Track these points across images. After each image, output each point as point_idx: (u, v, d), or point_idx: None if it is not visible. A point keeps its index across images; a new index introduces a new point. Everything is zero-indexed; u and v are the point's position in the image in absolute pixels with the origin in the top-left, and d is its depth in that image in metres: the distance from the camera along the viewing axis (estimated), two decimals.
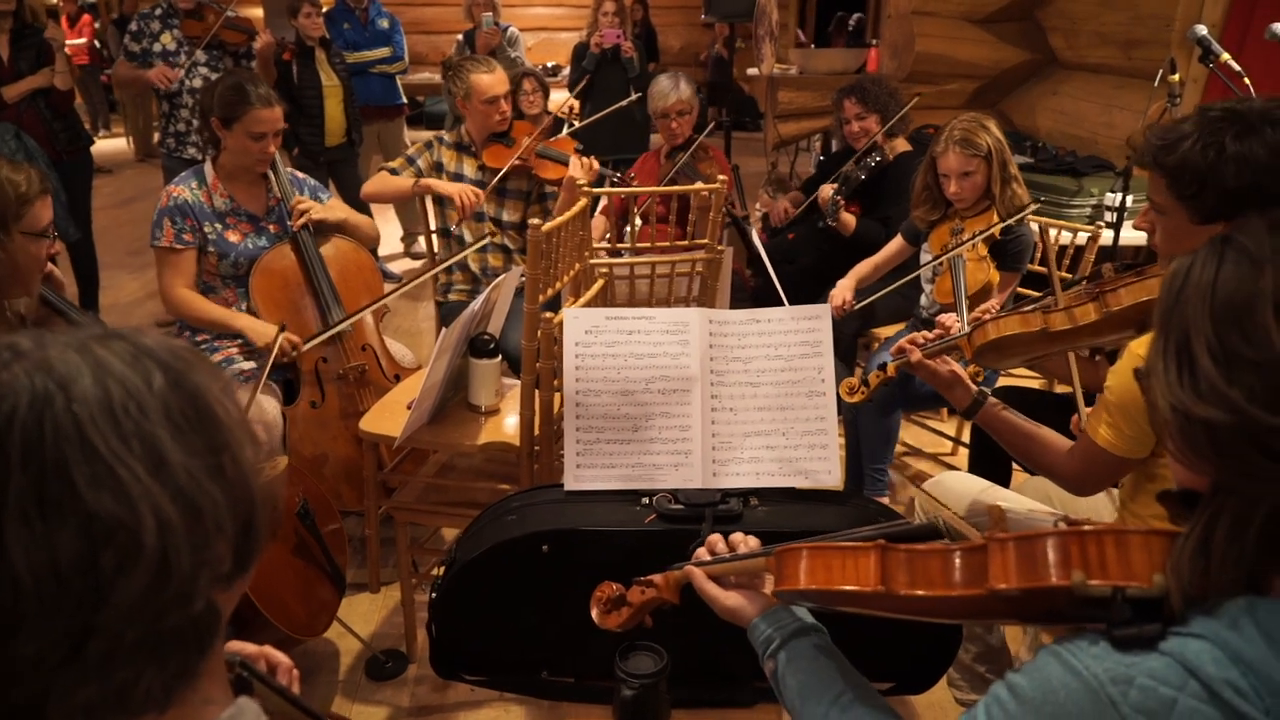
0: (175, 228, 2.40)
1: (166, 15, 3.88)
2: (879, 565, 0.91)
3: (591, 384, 1.57)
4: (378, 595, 2.35)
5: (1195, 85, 3.84)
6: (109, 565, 0.50)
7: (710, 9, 5.23)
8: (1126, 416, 1.41)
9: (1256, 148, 1.25)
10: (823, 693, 0.98)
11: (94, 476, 0.50)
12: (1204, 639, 0.65)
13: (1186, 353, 0.70)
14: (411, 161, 2.99)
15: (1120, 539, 0.73)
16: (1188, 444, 0.70)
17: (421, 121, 9.23)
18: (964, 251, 2.43)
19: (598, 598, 1.29)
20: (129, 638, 0.52)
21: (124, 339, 0.56)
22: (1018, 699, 0.72)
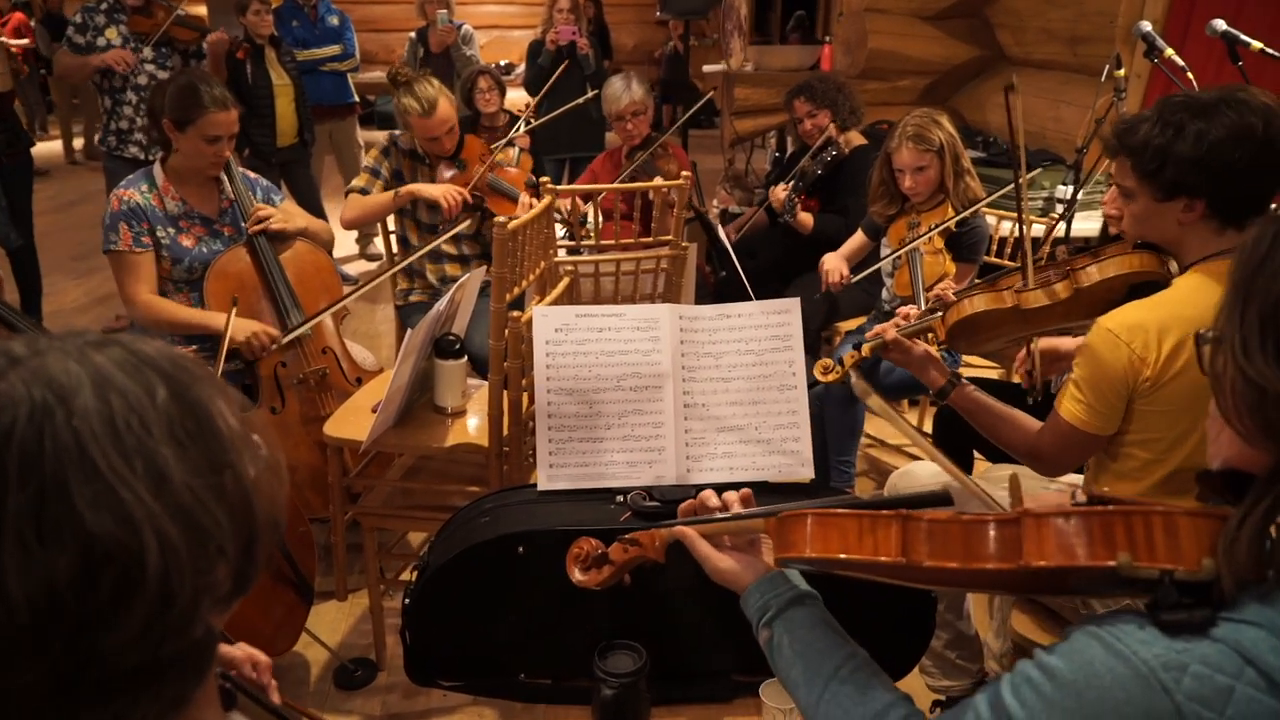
0: (133, 231, 2.33)
1: (112, 10, 3.76)
2: (901, 535, 0.87)
3: (562, 382, 1.55)
4: (345, 603, 2.31)
5: (1139, 80, 3.95)
6: (109, 590, 0.47)
7: (665, 6, 5.25)
8: (1095, 391, 1.44)
9: (1213, 125, 1.32)
10: (822, 664, 0.95)
11: (95, 496, 0.47)
12: (1260, 626, 0.64)
13: (1275, 325, 0.66)
14: (375, 174, 2.90)
15: (1168, 520, 0.70)
16: (1260, 421, 0.67)
17: (373, 121, 9.10)
18: (920, 245, 2.46)
19: (575, 554, 1.23)
20: (127, 666, 0.49)
21: (121, 346, 0.53)
22: (1054, 681, 0.69)
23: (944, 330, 1.70)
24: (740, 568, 1.08)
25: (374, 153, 2.96)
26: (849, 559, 0.90)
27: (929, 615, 1.55)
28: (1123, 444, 1.51)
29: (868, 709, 0.90)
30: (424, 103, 2.73)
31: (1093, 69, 4.01)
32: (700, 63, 7.74)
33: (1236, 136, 1.31)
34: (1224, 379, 0.71)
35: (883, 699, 0.91)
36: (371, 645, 2.15)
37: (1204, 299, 1.38)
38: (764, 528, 1.05)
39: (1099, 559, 0.71)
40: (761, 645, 1.05)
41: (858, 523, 0.91)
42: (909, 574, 0.88)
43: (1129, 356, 1.40)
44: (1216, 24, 2.52)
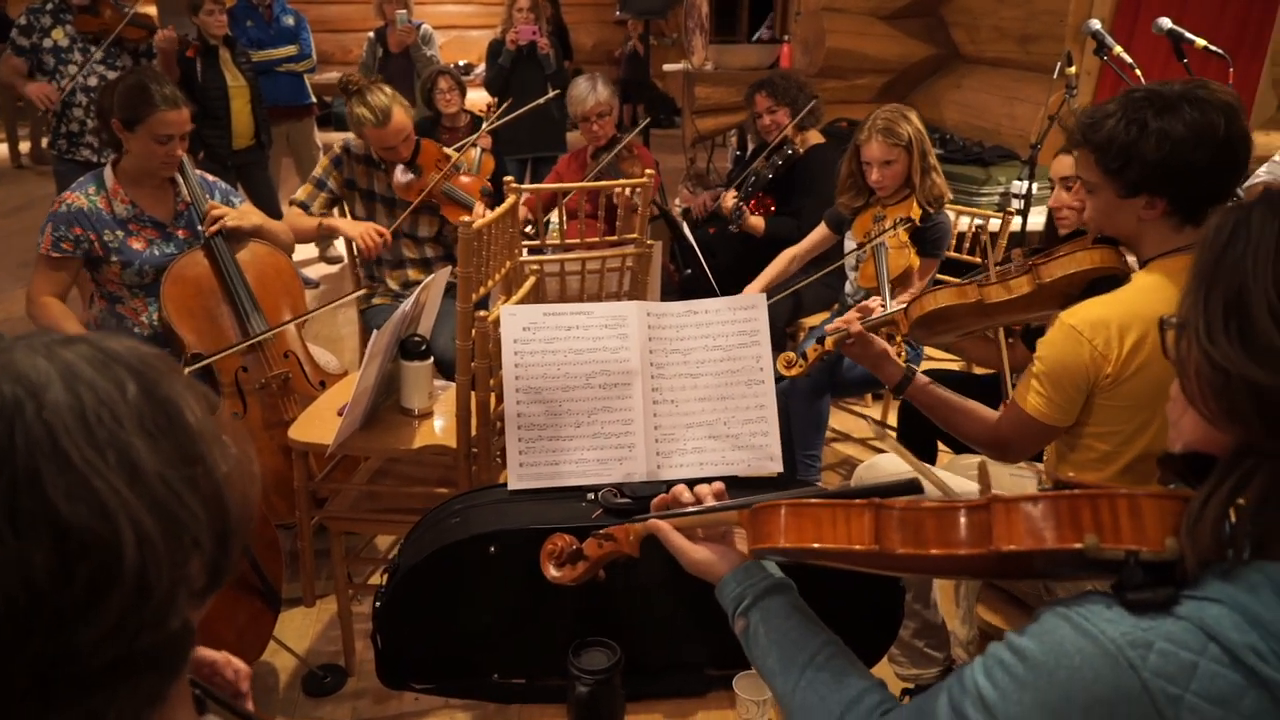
0: (55, 235, 2.27)
1: (58, 10, 3.66)
2: (873, 524, 0.88)
3: (531, 381, 1.55)
4: (313, 609, 2.27)
5: (1089, 77, 4.04)
6: (85, 583, 0.47)
7: (625, 6, 5.25)
8: (1056, 385, 1.46)
9: (1175, 124, 1.33)
10: (798, 651, 0.96)
11: (69, 487, 0.47)
12: (1221, 603, 0.65)
13: (1239, 309, 0.68)
14: (321, 186, 2.84)
15: (1133, 503, 0.72)
16: (1223, 403, 0.69)
17: (330, 122, 8.97)
18: (886, 238, 2.50)
19: (549, 551, 1.23)
20: (103, 660, 0.48)
21: (88, 343, 0.53)
22: (1025, 661, 0.70)
23: (907, 324, 1.73)
24: (715, 558, 1.08)
25: (324, 162, 2.87)
26: (823, 548, 0.91)
27: (897, 605, 1.57)
28: (1082, 436, 1.54)
29: (843, 695, 0.91)
30: (378, 113, 2.65)
31: (1045, 66, 4.10)
32: (660, 62, 7.75)
33: (1198, 136, 1.32)
34: (1188, 363, 0.72)
35: (858, 685, 0.92)
36: (340, 651, 2.13)
37: (1162, 296, 1.41)
38: (738, 520, 1.06)
39: (1066, 541, 0.73)
40: (737, 634, 1.05)
41: (831, 512, 0.92)
42: (882, 562, 0.89)
43: (1091, 353, 1.42)
44: (1162, 22, 2.59)
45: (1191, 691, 0.64)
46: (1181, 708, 0.64)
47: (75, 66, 3.70)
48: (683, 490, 1.17)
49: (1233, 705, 0.63)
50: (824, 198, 2.91)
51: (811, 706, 0.93)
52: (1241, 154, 1.35)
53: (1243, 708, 0.63)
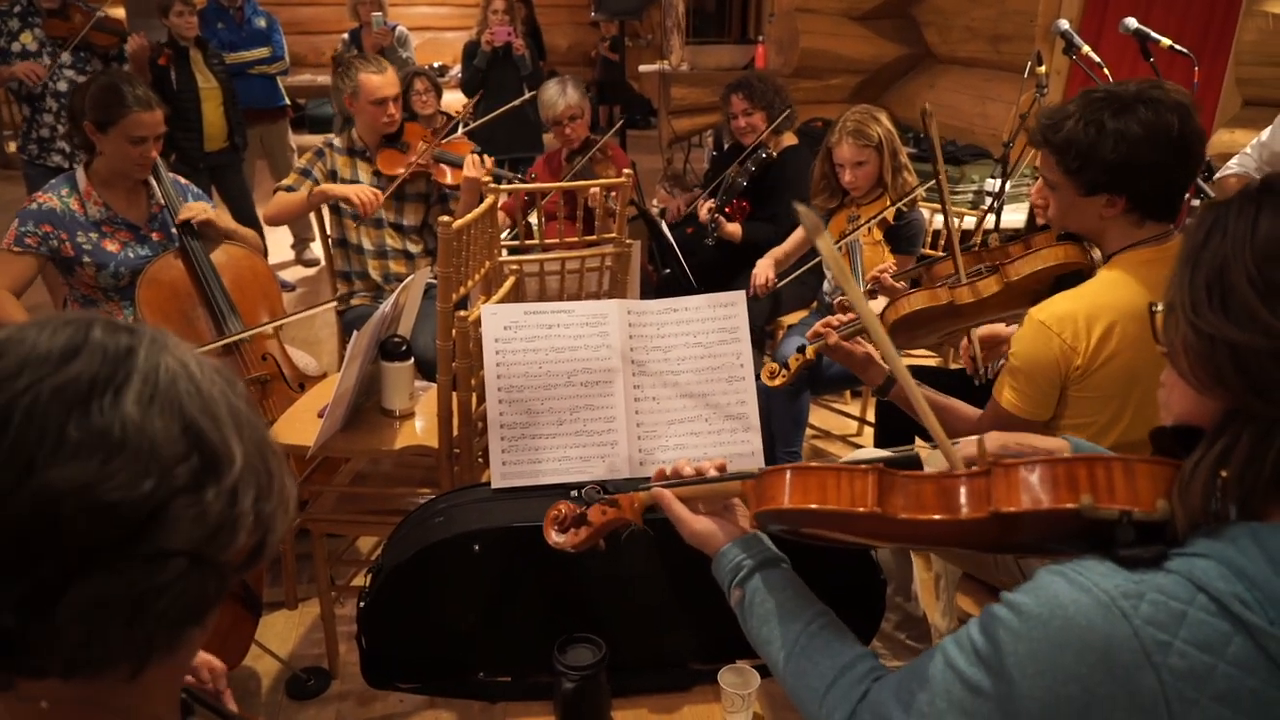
0: (19, 230, 2.24)
1: (26, 13, 3.62)
2: (876, 487, 0.90)
3: (513, 380, 1.56)
4: (295, 612, 2.26)
5: (1059, 77, 4.10)
6: (196, 467, 0.55)
7: (600, 7, 5.25)
8: (1030, 381, 1.50)
9: (1131, 124, 1.37)
10: (794, 619, 0.98)
11: (196, 404, 0.57)
12: (1209, 558, 0.69)
13: (1220, 284, 0.74)
14: (306, 174, 2.86)
15: (1127, 466, 0.76)
16: (1209, 369, 0.74)
17: (304, 125, 8.91)
18: (860, 236, 2.53)
19: (554, 516, 1.23)
20: (183, 540, 0.54)
21: (182, 346, 0.62)
22: (1021, 615, 0.73)
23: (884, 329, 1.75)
24: (715, 528, 1.10)
25: (308, 155, 2.92)
26: (825, 509, 0.93)
27: (879, 597, 1.60)
28: (1057, 429, 1.57)
29: (837, 661, 0.94)
30: (375, 63, 2.80)
31: (1016, 66, 4.15)
32: (635, 63, 7.77)
33: (1153, 136, 1.36)
34: (1176, 339, 0.77)
35: (851, 652, 0.95)
36: (324, 654, 2.12)
37: (1126, 289, 1.45)
38: (740, 490, 1.09)
39: (1063, 501, 0.77)
40: (733, 606, 1.07)
41: (835, 476, 0.94)
42: (882, 527, 0.91)
43: (1060, 346, 1.46)
44: (1129, 22, 2.64)
45: (1180, 639, 0.67)
46: (1170, 653, 0.67)
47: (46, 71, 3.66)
48: (685, 463, 1.18)
49: (1219, 651, 0.66)
50: (800, 199, 2.94)
51: (805, 672, 0.95)
52: (1195, 150, 1.40)
53: (1228, 654, 0.66)
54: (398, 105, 2.87)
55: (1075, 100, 1.46)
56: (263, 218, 2.95)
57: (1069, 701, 0.70)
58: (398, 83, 2.87)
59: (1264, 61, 3.01)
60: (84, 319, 0.58)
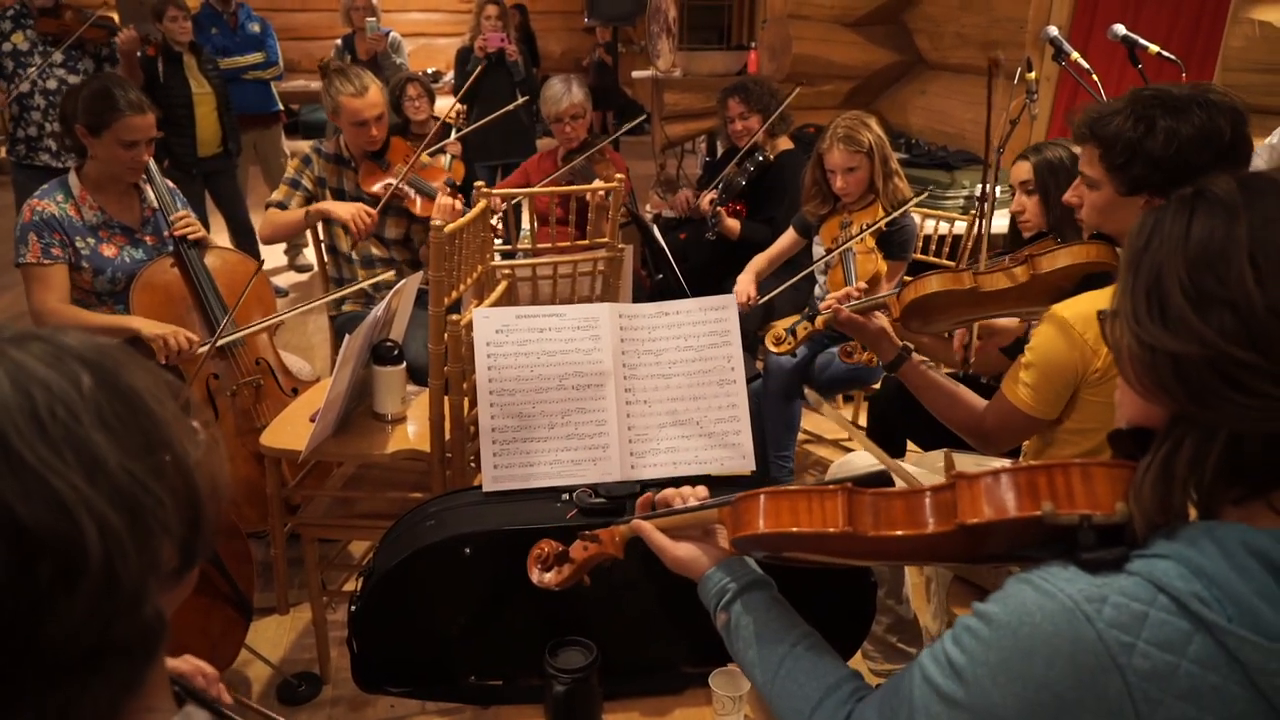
0: (42, 242, 2.24)
1: (19, 15, 3.62)
2: (845, 507, 0.92)
3: (505, 384, 1.56)
4: (287, 617, 2.26)
5: (1049, 83, 4.13)
6: (49, 579, 0.47)
7: (593, 12, 5.27)
8: (1045, 378, 1.48)
9: (1184, 125, 1.34)
10: (778, 640, 0.99)
11: (24, 488, 0.47)
12: (1169, 558, 0.70)
13: (1157, 292, 0.75)
14: (295, 185, 2.84)
15: (1085, 471, 0.78)
16: (1151, 377, 0.75)
17: (297, 130, 8.91)
18: (853, 244, 2.54)
19: (536, 555, 1.25)
20: (75, 652, 0.49)
21: (41, 339, 0.52)
22: (991, 625, 0.74)
23: (899, 307, 1.74)
24: (698, 554, 1.12)
25: (294, 163, 2.89)
26: (800, 532, 0.95)
27: (870, 600, 1.60)
28: (1061, 431, 1.56)
29: (821, 682, 0.94)
30: (356, 82, 2.73)
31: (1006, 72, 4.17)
32: (628, 69, 7.79)
33: (1205, 138, 1.33)
34: (1121, 346, 0.78)
35: (835, 673, 0.95)
36: (315, 659, 2.11)
37: None
38: (718, 517, 1.09)
39: (1026, 510, 0.78)
40: (719, 629, 1.08)
41: (807, 499, 0.95)
42: (855, 545, 0.92)
43: (1082, 347, 1.44)
44: (1117, 29, 2.66)
45: (1143, 639, 0.68)
46: (1134, 654, 0.68)
47: (34, 69, 3.65)
48: (668, 492, 1.19)
49: (1180, 650, 0.67)
50: (796, 202, 2.95)
51: (791, 694, 0.96)
52: (1244, 158, 1.37)
53: (1189, 652, 0.67)
54: (380, 125, 2.80)
55: (1124, 98, 1.42)
56: (260, 237, 2.91)
57: (1041, 708, 0.71)
58: (381, 101, 2.80)
59: (1250, 68, 3.04)
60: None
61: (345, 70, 2.78)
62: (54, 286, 2.25)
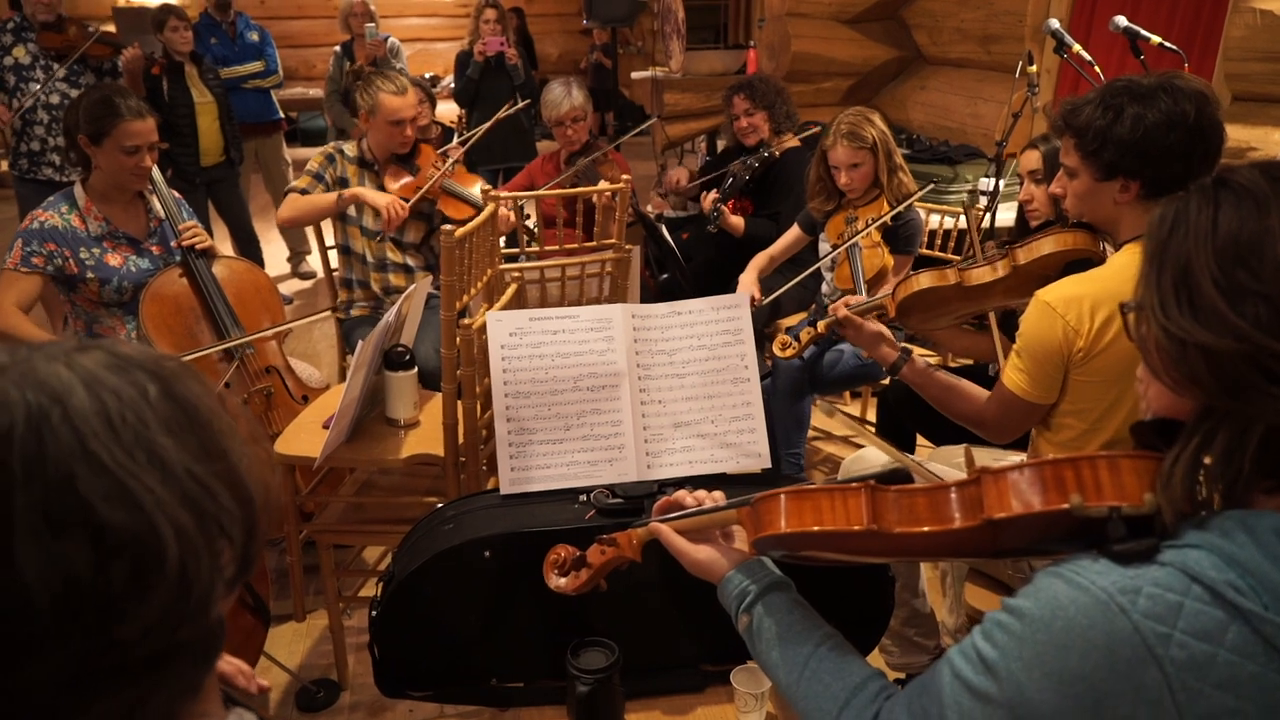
0: (25, 249, 2.25)
1: (20, 28, 3.62)
2: (869, 504, 0.91)
3: (520, 386, 1.56)
4: (303, 624, 2.26)
5: (1049, 76, 4.13)
6: (125, 578, 0.48)
7: (591, 14, 5.27)
8: (1035, 362, 1.52)
9: (1150, 111, 1.41)
10: (802, 642, 0.99)
11: (105, 490, 0.48)
12: (1201, 548, 0.70)
13: (1186, 284, 0.74)
14: (318, 178, 2.83)
15: (1112, 463, 0.77)
16: (1182, 370, 0.74)
17: (296, 138, 8.92)
18: (859, 239, 2.54)
19: (552, 561, 1.25)
20: (146, 652, 0.50)
21: (102, 350, 0.54)
22: (1023, 619, 0.74)
23: (894, 307, 1.77)
24: (717, 556, 1.11)
25: (318, 158, 2.86)
26: (822, 531, 0.94)
27: (888, 595, 1.60)
28: (1058, 414, 1.59)
29: (847, 682, 0.94)
30: (397, 82, 2.77)
31: (1006, 66, 4.18)
32: (627, 71, 7.79)
33: (1170, 122, 1.40)
34: (1148, 339, 0.78)
35: (860, 673, 0.95)
36: (333, 665, 2.12)
37: (1135, 275, 1.46)
38: (736, 518, 1.09)
39: (1053, 503, 0.78)
40: (740, 631, 1.07)
41: (829, 497, 0.95)
42: (878, 543, 0.92)
43: (1064, 328, 1.48)
44: (1119, 20, 2.67)
45: (1179, 630, 0.68)
46: (1171, 645, 0.68)
47: (37, 85, 3.65)
48: (684, 495, 1.19)
49: (1217, 639, 0.67)
50: (802, 199, 2.96)
51: (816, 694, 0.95)
52: (1213, 140, 1.42)
53: (1227, 641, 0.67)
54: (414, 126, 2.84)
55: (1096, 90, 1.50)
56: (279, 219, 2.86)
57: (1078, 700, 0.70)
58: (416, 103, 2.84)
59: (1252, 57, 3.04)
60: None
61: (384, 72, 2.84)
62: (16, 291, 2.24)
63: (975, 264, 1.69)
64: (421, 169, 2.86)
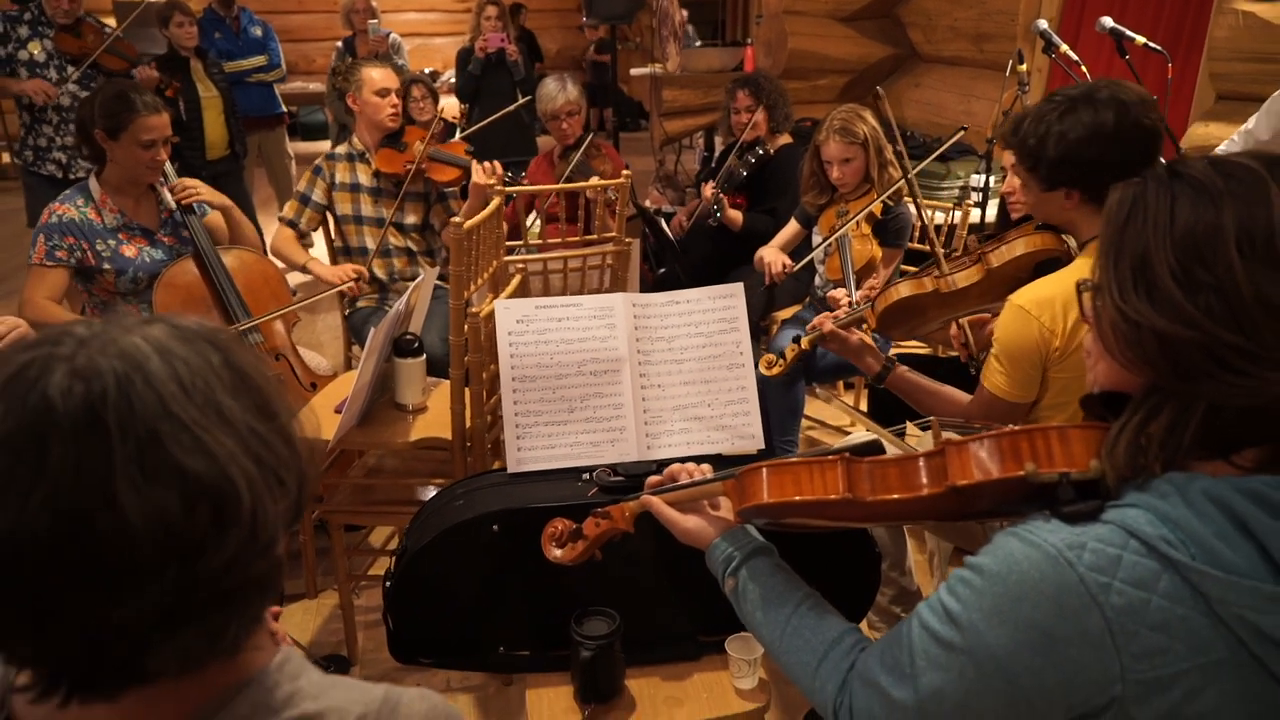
0: (48, 244, 2.33)
1: (36, 22, 3.67)
2: (845, 475, 1.00)
3: (526, 371, 1.64)
4: (314, 602, 2.34)
5: (1040, 74, 4.21)
6: (206, 520, 0.56)
7: (590, 11, 5.34)
8: (1014, 363, 1.58)
9: (1072, 128, 1.49)
10: (784, 602, 1.07)
11: (186, 444, 0.56)
12: (1139, 508, 0.78)
13: (1145, 272, 0.80)
14: (306, 201, 2.94)
15: (1062, 433, 0.86)
16: (1136, 351, 0.81)
17: (296, 132, 8.97)
18: (849, 231, 2.62)
19: (550, 534, 1.33)
20: (226, 585, 0.58)
21: (165, 322, 0.61)
22: (982, 575, 0.82)
23: (874, 318, 1.84)
24: (704, 524, 1.20)
25: (306, 175, 2.97)
26: (802, 500, 1.03)
27: (875, 570, 1.68)
28: (1039, 410, 1.65)
29: (824, 638, 1.02)
30: (372, 60, 2.94)
31: (999, 64, 4.26)
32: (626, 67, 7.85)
33: (1091, 135, 1.48)
34: (1103, 318, 0.85)
35: (837, 628, 1.03)
36: (343, 641, 2.19)
37: None
38: (723, 490, 1.17)
39: (1010, 471, 0.86)
40: (727, 594, 1.16)
41: (807, 468, 1.03)
42: (854, 510, 1.00)
43: (1039, 329, 1.55)
44: (1105, 21, 2.74)
45: (1118, 579, 0.76)
46: (1111, 592, 0.76)
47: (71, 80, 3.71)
48: (677, 468, 1.27)
49: (1151, 587, 0.76)
50: (797, 197, 3.04)
51: (797, 649, 1.04)
52: (1137, 143, 1.48)
53: (1159, 588, 0.75)
54: (399, 98, 2.96)
55: (1038, 104, 1.58)
56: (270, 248, 2.99)
57: (1031, 645, 0.78)
58: (397, 79, 2.95)
59: (1236, 57, 3.12)
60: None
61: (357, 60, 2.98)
62: (46, 285, 2.33)
63: (949, 271, 1.76)
64: (409, 145, 2.97)
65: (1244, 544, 0.75)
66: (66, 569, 0.53)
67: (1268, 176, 0.78)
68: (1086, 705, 0.78)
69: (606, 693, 1.46)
